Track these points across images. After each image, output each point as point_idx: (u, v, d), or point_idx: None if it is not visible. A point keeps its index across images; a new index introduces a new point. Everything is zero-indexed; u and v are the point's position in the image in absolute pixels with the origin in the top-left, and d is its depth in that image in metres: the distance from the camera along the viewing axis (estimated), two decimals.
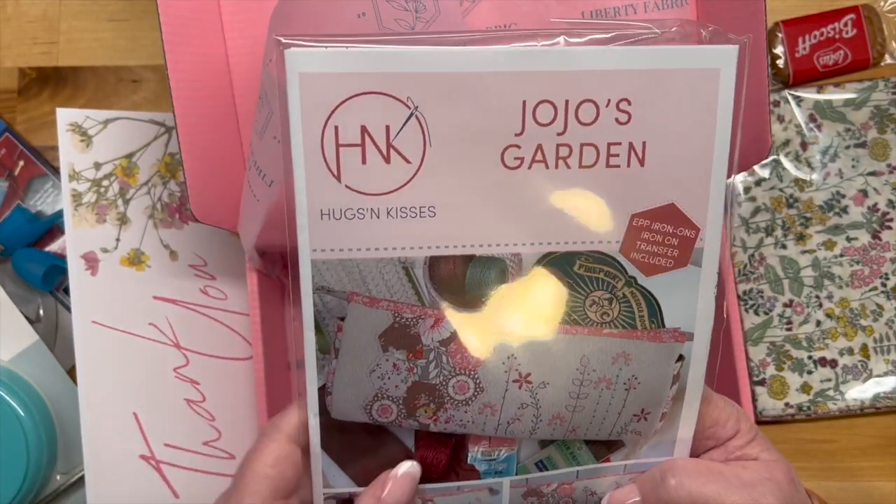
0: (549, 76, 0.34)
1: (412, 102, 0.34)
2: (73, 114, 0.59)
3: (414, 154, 0.35)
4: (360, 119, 0.34)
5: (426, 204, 0.36)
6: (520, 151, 0.35)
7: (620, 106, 0.35)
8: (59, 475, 0.60)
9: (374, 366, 0.38)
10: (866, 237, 0.58)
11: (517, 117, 0.35)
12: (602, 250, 0.37)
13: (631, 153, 0.36)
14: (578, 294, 0.38)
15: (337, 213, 0.35)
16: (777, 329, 0.58)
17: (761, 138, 0.46)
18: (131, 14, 0.64)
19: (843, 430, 0.58)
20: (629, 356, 0.38)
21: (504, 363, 0.38)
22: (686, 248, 0.37)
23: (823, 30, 0.60)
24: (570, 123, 0.35)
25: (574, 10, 0.49)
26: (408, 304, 0.37)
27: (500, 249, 0.37)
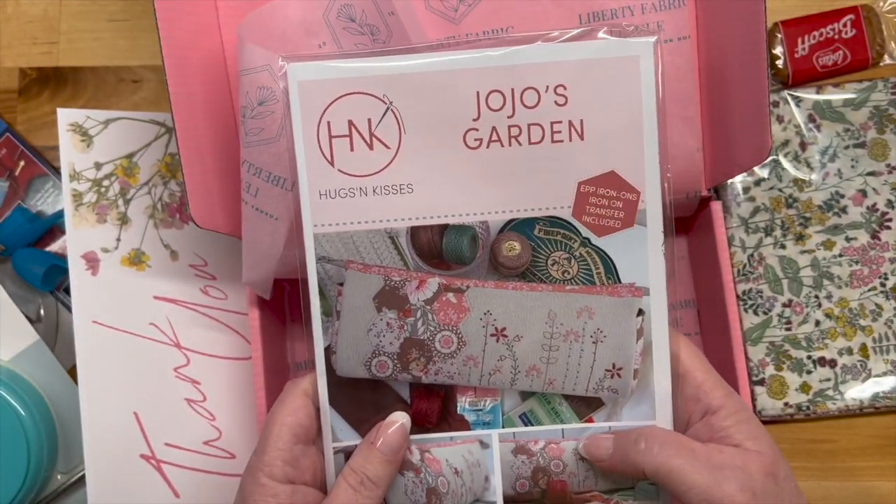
0: (496, 70, 0.42)
1: (388, 99, 0.42)
2: (74, 114, 0.59)
3: (392, 141, 0.42)
4: (347, 115, 0.42)
5: (405, 182, 0.43)
6: (478, 133, 0.42)
7: (558, 91, 0.42)
8: (60, 475, 0.60)
9: (371, 325, 0.44)
10: (865, 237, 0.58)
11: (473, 105, 0.42)
12: (557, 215, 0.43)
13: (571, 129, 0.42)
14: (541, 255, 0.44)
15: (332, 193, 0.43)
16: (776, 329, 0.58)
17: (761, 140, 0.46)
18: (131, 14, 0.64)
19: (843, 430, 0.58)
20: (592, 310, 0.43)
21: (482, 319, 0.43)
22: (630, 209, 0.42)
23: (823, 30, 0.60)
24: (518, 108, 0.42)
25: (571, 13, 0.49)
26: (395, 268, 0.44)
27: (470, 218, 0.43)
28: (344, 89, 0.42)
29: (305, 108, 0.42)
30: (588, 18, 0.49)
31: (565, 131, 0.42)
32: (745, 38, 0.46)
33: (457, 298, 0.43)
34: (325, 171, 0.43)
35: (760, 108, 0.45)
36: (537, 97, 0.42)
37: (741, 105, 0.47)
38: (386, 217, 0.43)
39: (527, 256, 0.44)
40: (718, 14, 0.48)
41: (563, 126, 0.42)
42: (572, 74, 0.42)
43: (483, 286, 0.44)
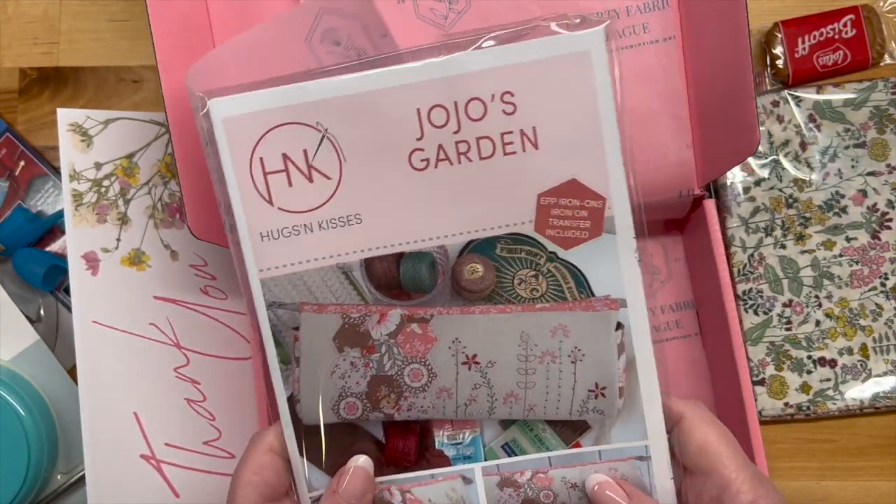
0: (435, 84, 0.39)
1: (322, 126, 0.39)
2: (74, 114, 0.59)
3: (332, 171, 0.40)
4: (280, 148, 0.39)
5: (352, 212, 0.40)
6: (424, 154, 0.40)
7: (504, 98, 0.39)
8: (60, 475, 0.60)
9: (334, 367, 0.41)
10: (865, 237, 0.58)
11: (415, 124, 0.39)
12: (518, 231, 0.40)
13: (524, 139, 0.39)
14: (506, 274, 0.41)
15: (275, 234, 0.40)
16: (776, 329, 0.58)
17: (749, 133, 0.46)
18: (131, 14, 0.64)
19: (843, 430, 0.58)
20: (566, 327, 0.41)
21: (450, 347, 0.41)
22: (597, 218, 0.40)
23: (823, 30, 0.60)
24: (463, 122, 0.39)
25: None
26: (353, 304, 0.41)
27: (426, 244, 0.40)
28: (273, 121, 0.39)
29: (234, 146, 0.39)
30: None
31: (517, 142, 0.39)
32: (729, 33, 0.46)
33: (422, 329, 0.41)
34: (265, 212, 0.40)
35: (746, 101, 0.45)
36: (483, 108, 0.39)
37: (728, 100, 0.47)
38: (336, 252, 0.40)
39: (491, 278, 0.41)
40: (701, 12, 0.49)
41: (515, 136, 0.39)
42: (518, 79, 0.39)
43: (448, 313, 0.41)
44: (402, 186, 0.40)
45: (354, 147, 0.39)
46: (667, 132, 0.50)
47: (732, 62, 0.46)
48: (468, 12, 0.49)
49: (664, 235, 0.58)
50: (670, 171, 0.51)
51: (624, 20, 0.50)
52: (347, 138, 0.39)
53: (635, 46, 0.50)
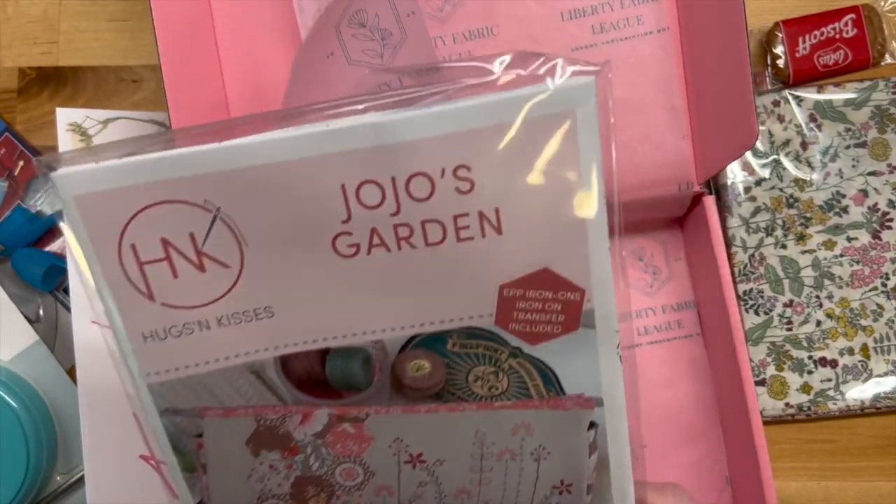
0: (364, 154, 0.30)
1: (211, 205, 0.31)
2: (73, 114, 0.59)
3: (231, 258, 0.32)
4: (157, 232, 0.31)
5: (260, 305, 0.33)
6: (352, 238, 0.32)
7: (458, 174, 0.31)
8: (59, 475, 0.60)
9: (250, 471, 0.36)
10: (866, 237, 0.58)
11: (339, 203, 0.31)
12: (475, 325, 0.34)
13: (483, 222, 0.32)
14: (459, 371, 0.35)
15: (161, 334, 0.33)
16: (777, 329, 0.58)
17: (747, 125, 0.46)
18: (131, 14, 0.64)
19: (844, 430, 0.58)
20: (530, 426, 0.36)
21: (391, 447, 0.36)
22: (573, 311, 0.34)
23: (824, 29, 0.60)
24: (403, 201, 0.31)
25: (553, 10, 0.49)
26: (268, 405, 0.35)
27: (357, 339, 0.34)
28: (144, 199, 0.31)
29: (95, 231, 0.31)
30: (570, 15, 0.50)
31: (475, 226, 0.32)
32: (725, 24, 0.46)
33: (355, 428, 0.35)
34: (144, 309, 0.32)
35: (744, 93, 0.45)
36: (430, 186, 0.31)
37: (725, 92, 0.47)
38: (243, 350, 0.33)
39: (440, 376, 0.35)
40: (698, 2, 0.49)
41: (472, 219, 0.32)
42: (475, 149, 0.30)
43: (387, 412, 0.35)
44: (325, 275, 0.33)
45: (258, 230, 0.32)
46: (663, 123, 0.50)
47: (730, 53, 0.46)
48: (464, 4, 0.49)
49: (665, 235, 0.57)
50: (668, 163, 0.51)
51: (618, 12, 0.50)
52: (248, 220, 0.31)
53: (629, 38, 0.50)
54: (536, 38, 0.49)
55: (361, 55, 0.45)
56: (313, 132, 0.30)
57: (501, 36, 0.49)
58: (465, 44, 0.49)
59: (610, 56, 0.50)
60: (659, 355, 0.56)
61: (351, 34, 0.45)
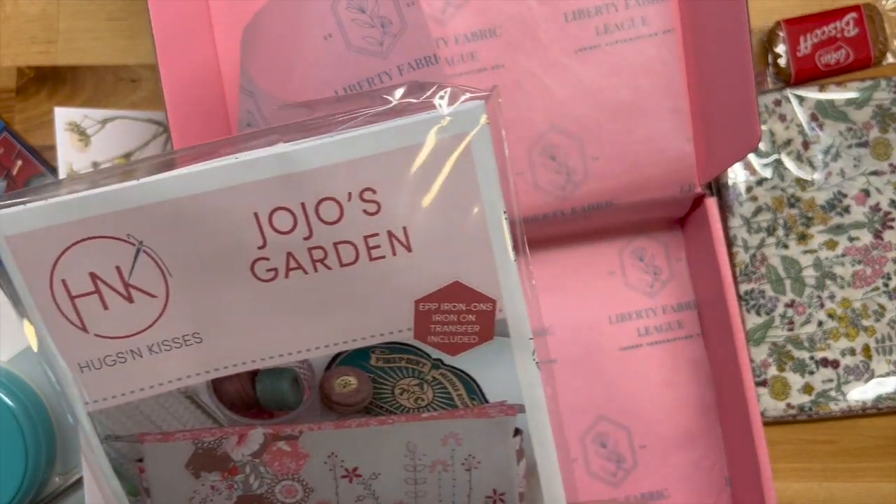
0: (273, 183, 0.32)
1: (134, 239, 0.33)
2: (72, 113, 0.59)
3: (157, 288, 0.34)
4: (86, 267, 0.33)
5: (188, 332, 0.35)
6: (269, 263, 0.34)
7: (365, 196, 0.33)
8: (58, 476, 0.59)
9: (192, 493, 0.37)
10: (868, 237, 0.58)
11: (253, 231, 0.33)
12: (395, 340, 0.35)
13: (393, 241, 0.34)
14: (384, 385, 0.37)
15: (97, 363, 0.35)
16: (778, 329, 0.58)
17: (750, 127, 0.45)
18: (130, 13, 0.64)
19: (845, 431, 0.58)
20: (458, 436, 0.37)
21: (326, 462, 0.37)
22: (486, 321, 0.35)
23: (825, 28, 0.60)
24: (315, 226, 0.33)
25: (556, 11, 0.49)
26: (204, 428, 0.36)
27: (284, 360, 0.35)
28: (70, 237, 0.33)
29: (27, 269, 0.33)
30: (573, 16, 0.49)
31: (385, 245, 0.34)
32: (729, 26, 0.46)
33: (290, 446, 0.37)
34: (79, 340, 0.34)
35: (747, 96, 0.45)
36: (338, 210, 0.33)
37: (728, 95, 0.47)
38: (175, 376, 0.35)
39: (367, 390, 0.36)
40: (702, 4, 0.49)
41: (382, 239, 0.33)
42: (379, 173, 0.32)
43: (320, 429, 0.36)
44: (247, 300, 0.34)
45: (180, 260, 0.33)
46: (667, 126, 0.50)
47: (732, 56, 0.46)
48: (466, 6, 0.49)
49: (666, 235, 0.57)
50: (671, 165, 0.50)
51: (622, 13, 0.49)
52: (170, 251, 0.33)
53: (634, 39, 0.50)
54: (539, 39, 0.49)
55: (361, 42, 0.45)
56: (222, 165, 0.32)
57: (504, 37, 0.49)
58: (467, 45, 0.49)
59: (614, 57, 0.49)
60: (659, 356, 0.56)
61: (350, 18, 0.45)
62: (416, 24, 0.46)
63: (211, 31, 0.55)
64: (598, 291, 0.56)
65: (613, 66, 0.49)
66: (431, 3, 0.49)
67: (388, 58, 0.45)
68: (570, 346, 0.55)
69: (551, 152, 0.50)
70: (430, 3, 0.49)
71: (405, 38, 0.46)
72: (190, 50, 0.51)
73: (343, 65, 0.45)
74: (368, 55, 0.45)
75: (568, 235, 0.55)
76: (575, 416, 0.55)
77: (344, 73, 0.45)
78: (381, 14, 0.45)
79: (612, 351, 0.55)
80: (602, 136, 0.50)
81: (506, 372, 0.36)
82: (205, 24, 0.54)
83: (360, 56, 0.45)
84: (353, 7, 0.45)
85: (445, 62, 0.49)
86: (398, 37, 0.46)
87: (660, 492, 0.55)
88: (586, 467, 0.55)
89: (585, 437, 0.55)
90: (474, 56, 0.49)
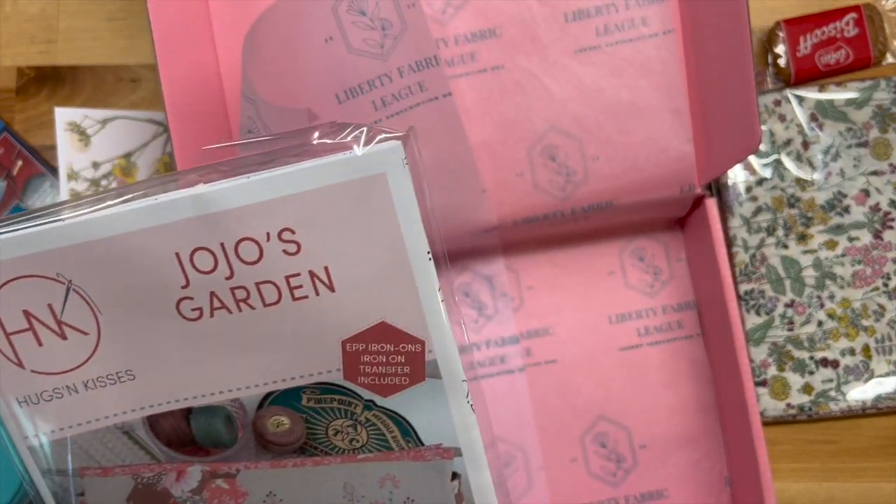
0: (191, 224, 0.32)
1: (63, 277, 0.33)
2: (72, 113, 0.59)
3: (88, 325, 0.34)
4: (19, 305, 0.34)
5: (121, 369, 0.35)
6: (194, 303, 0.34)
7: (283, 237, 0.33)
8: None
9: None
10: (868, 237, 0.58)
11: (177, 270, 0.33)
12: (325, 380, 0.35)
13: (315, 282, 0.33)
14: (317, 425, 0.36)
15: (34, 399, 0.35)
16: (778, 329, 0.58)
17: (750, 129, 0.45)
18: (130, 13, 0.64)
19: (845, 431, 0.58)
20: (395, 478, 0.37)
21: (265, 501, 0.37)
22: (416, 362, 0.35)
23: (825, 29, 0.60)
24: (236, 266, 0.33)
25: (556, 11, 0.49)
26: (143, 464, 0.37)
27: (216, 398, 0.36)
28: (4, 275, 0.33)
29: None
30: (573, 17, 0.49)
31: (307, 285, 0.33)
32: (729, 26, 0.46)
33: (228, 484, 0.37)
34: (16, 376, 0.35)
35: (748, 97, 0.45)
36: (258, 250, 0.33)
37: (729, 96, 0.47)
38: (111, 412, 0.35)
39: (300, 430, 0.36)
40: (702, 5, 0.48)
41: (304, 279, 0.33)
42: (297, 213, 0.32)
43: (257, 468, 0.36)
44: (175, 338, 0.34)
45: (109, 298, 0.34)
46: (667, 126, 0.50)
47: (733, 57, 0.46)
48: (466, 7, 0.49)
49: (666, 236, 0.57)
50: (671, 166, 0.50)
51: (623, 13, 0.49)
52: (98, 289, 0.34)
53: (634, 40, 0.50)
54: (539, 40, 0.49)
55: (362, 44, 0.45)
56: (142, 206, 0.32)
57: (504, 37, 0.49)
58: (467, 45, 0.49)
59: (614, 58, 0.49)
60: (659, 356, 0.56)
61: (351, 21, 0.45)
62: (416, 25, 0.46)
63: (210, 31, 0.55)
64: (598, 291, 0.56)
65: (614, 66, 0.49)
66: (431, 3, 0.49)
67: (389, 60, 0.45)
68: (570, 346, 0.55)
69: (551, 153, 0.50)
70: (430, 4, 0.49)
71: (405, 40, 0.46)
72: (189, 50, 0.51)
73: (343, 68, 0.45)
74: (369, 58, 0.45)
75: (568, 235, 0.55)
76: (575, 416, 0.55)
77: (344, 76, 0.45)
78: (381, 16, 0.45)
79: (612, 351, 0.55)
80: (602, 136, 0.50)
81: (440, 414, 0.36)
82: (204, 25, 0.54)
83: (361, 59, 0.45)
84: (353, 9, 0.45)
85: (445, 63, 0.49)
86: (398, 39, 0.46)
87: (660, 492, 0.55)
88: (586, 467, 0.55)
89: (585, 437, 0.55)
90: (474, 57, 0.49)
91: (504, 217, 0.51)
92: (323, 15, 0.45)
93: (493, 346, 0.55)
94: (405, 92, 0.46)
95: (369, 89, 0.46)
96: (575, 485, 0.55)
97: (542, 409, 0.55)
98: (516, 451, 0.54)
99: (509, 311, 0.55)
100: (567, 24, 0.49)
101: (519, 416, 0.55)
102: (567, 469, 0.55)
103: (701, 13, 0.49)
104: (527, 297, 0.56)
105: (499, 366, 0.55)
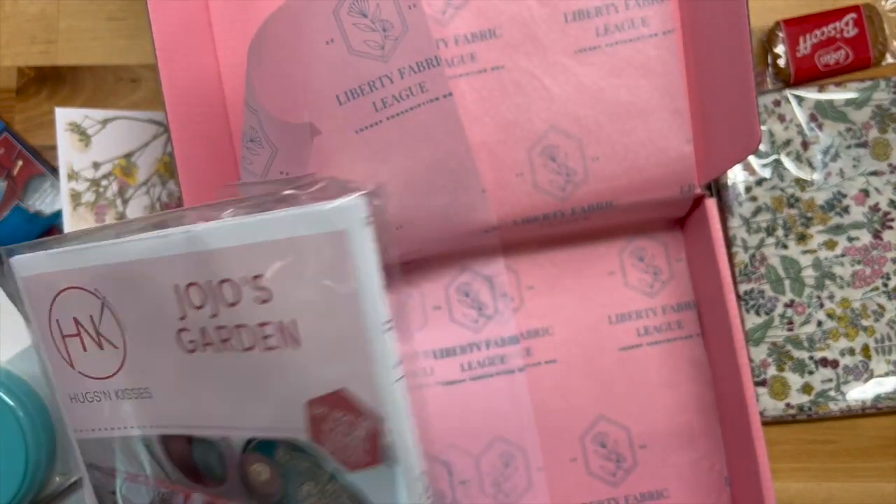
0: (185, 259, 0.33)
1: (100, 294, 0.36)
2: (72, 113, 0.59)
3: (117, 340, 0.36)
4: (71, 312, 0.37)
5: (141, 385, 0.36)
6: (190, 335, 0.34)
7: (256, 283, 0.32)
8: (58, 476, 0.59)
9: None
10: (868, 237, 0.58)
11: (175, 301, 0.34)
12: (295, 438, 0.33)
13: (283, 333, 0.32)
14: (291, 483, 0.35)
15: (80, 397, 0.38)
16: (778, 329, 0.58)
17: (750, 130, 0.46)
18: (130, 13, 0.64)
19: (845, 431, 0.58)
20: None
21: None
22: (372, 441, 0.32)
23: (824, 29, 0.60)
24: (219, 305, 0.33)
25: (556, 11, 0.49)
26: (162, 479, 0.38)
27: (211, 431, 0.36)
28: (60, 284, 0.36)
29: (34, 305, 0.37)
30: (573, 17, 0.49)
31: (277, 335, 0.32)
32: (729, 26, 0.46)
33: None
34: (68, 374, 0.38)
35: (747, 98, 0.45)
36: (237, 292, 0.32)
37: (729, 96, 0.47)
38: (135, 423, 0.37)
39: (277, 485, 0.35)
40: (702, 6, 0.48)
41: (274, 329, 0.32)
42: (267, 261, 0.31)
43: None
44: (177, 367, 0.35)
45: (130, 318, 0.35)
46: (667, 126, 0.50)
47: (733, 58, 0.46)
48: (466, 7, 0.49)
49: (666, 236, 0.57)
50: (671, 166, 0.50)
51: (623, 14, 0.49)
52: (122, 308, 0.35)
53: (634, 40, 0.50)
54: (539, 40, 0.49)
55: (363, 46, 0.45)
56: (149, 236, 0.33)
57: (504, 38, 0.49)
58: (467, 46, 0.49)
59: (614, 58, 0.49)
60: (659, 356, 0.56)
61: (352, 23, 0.45)
62: (417, 26, 0.46)
63: (211, 31, 0.55)
64: (598, 291, 0.56)
65: (613, 66, 0.50)
66: (431, 4, 0.49)
67: (389, 61, 0.45)
68: (570, 346, 0.55)
69: (551, 153, 0.50)
70: (430, 4, 0.49)
71: (406, 41, 0.46)
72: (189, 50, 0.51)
73: (344, 69, 0.45)
74: (370, 59, 0.45)
75: (568, 236, 0.55)
76: (575, 416, 0.55)
77: (345, 77, 0.45)
78: (382, 17, 0.45)
79: (611, 351, 0.55)
80: (602, 136, 0.50)
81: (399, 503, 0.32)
82: (204, 25, 0.54)
83: (362, 60, 0.45)
84: (354, 11, 0.45)
85: (445, 63, 0.49)
86: (399, 40, 0.46)
87: (659, 492, 0.55)
88: (586, 467, 0.55)
89: (585, 436, 0.55)
90: (474, 57, 0.49)
91: (504, 217, 0.51)
92: (324, 17, 0.45)
93: (493, 346, 0.55)
94: (406, 93, 0.46)
95: (370, 90, 0.46)
96: (575, 484, 0.55)
97: (542, 408, 0.55)
98: (516, 451, 0.55)
99: (509, 311, 0.55)
100: (567, 24, 0.49)
101: (519, 416, 0.55)
102: (567, 469, 0.55)
103: (701, 13, 0.49)
104: (527, 297, 0.56)
105: (499, 366, 0.55)
